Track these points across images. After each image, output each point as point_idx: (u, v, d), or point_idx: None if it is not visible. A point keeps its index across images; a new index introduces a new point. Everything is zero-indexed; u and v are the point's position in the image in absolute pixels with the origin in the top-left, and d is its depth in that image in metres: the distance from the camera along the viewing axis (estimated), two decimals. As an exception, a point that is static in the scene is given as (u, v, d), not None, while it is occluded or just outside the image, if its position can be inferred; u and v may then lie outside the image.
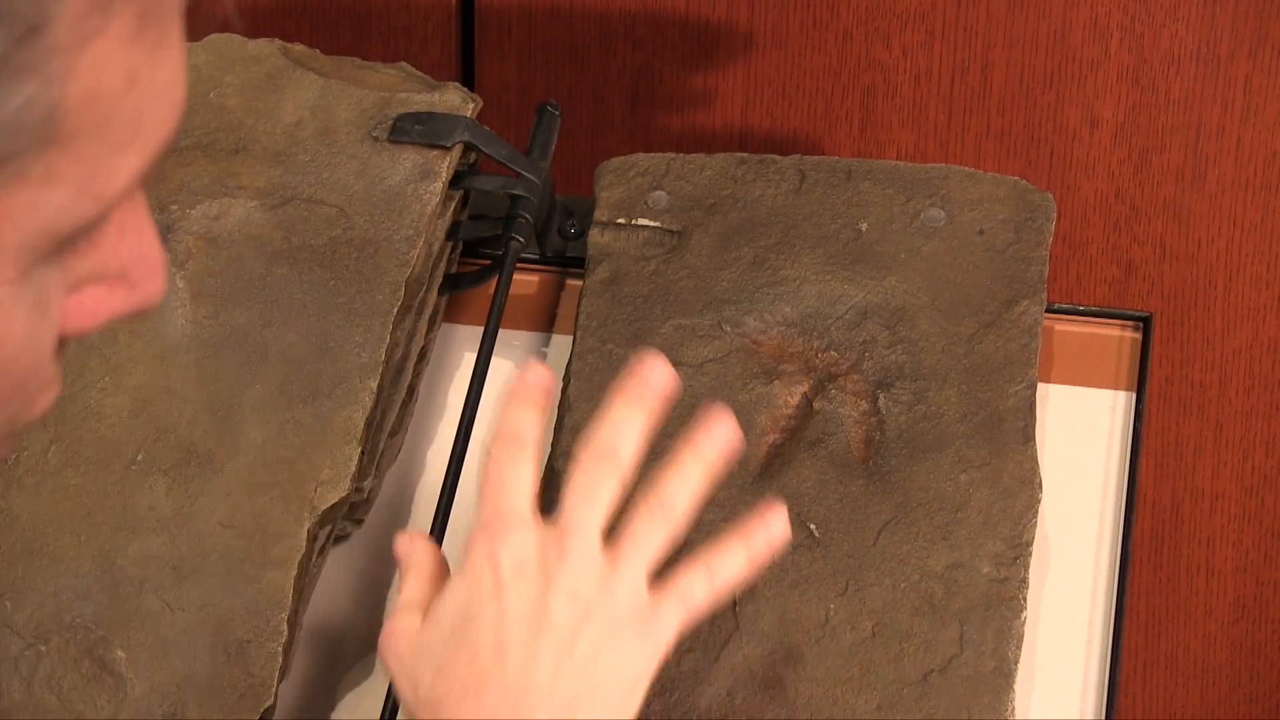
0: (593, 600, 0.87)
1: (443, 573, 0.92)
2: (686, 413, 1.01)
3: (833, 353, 1.05)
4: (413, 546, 0.92)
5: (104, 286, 0.64)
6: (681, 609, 0.88)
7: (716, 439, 0.91)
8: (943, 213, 1.08)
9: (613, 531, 0.89)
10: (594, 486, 0.89)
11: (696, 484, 0.90)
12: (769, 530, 0.90)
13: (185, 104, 0.62)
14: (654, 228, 1.09)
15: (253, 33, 1.13)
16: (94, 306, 0.64)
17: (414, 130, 1.08)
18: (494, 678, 0.86)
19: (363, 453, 1.01)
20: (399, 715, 0.95)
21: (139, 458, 1.00)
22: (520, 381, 0.91)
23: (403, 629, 0.89)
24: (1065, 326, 1.10)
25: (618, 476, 0.89)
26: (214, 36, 1.12)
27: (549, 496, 1.01)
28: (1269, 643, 1.26)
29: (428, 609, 0.89)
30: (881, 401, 1.03)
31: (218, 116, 1.10)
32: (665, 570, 0.89)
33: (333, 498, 0.99)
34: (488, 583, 0.87)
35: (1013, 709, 0.96)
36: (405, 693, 0.88)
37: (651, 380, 0.91)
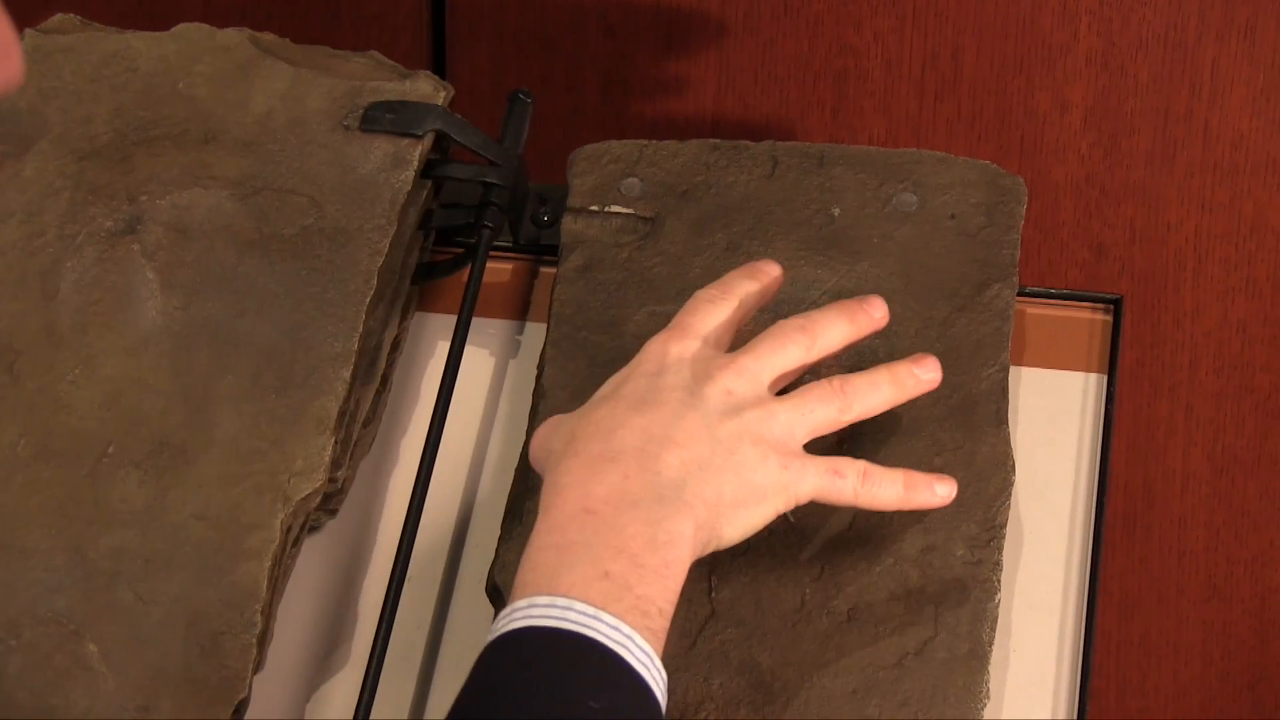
0: (746, 406, 0.90)
1: None
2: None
3: (806, 338, 1.05)
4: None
5: None
6: (825, 480, 0.91)
7: (919, 378, 0.96)
8: (915, 197, 1.08)
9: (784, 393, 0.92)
10: (782, 345, 0.93)
11: (882, 399, 0.95)
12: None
13: None
14: (627, 215, 1.09)
15: (222, 22, 1.12)
16: None
17: (386, 119, 1.08)
18: (629, 423, 0.88)
19: (336, 443, 1.01)
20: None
21: (110, 450, 1.00)
22: (753, 263, 0.97)
23: (553, 418, 0.92)
24: (1037, 309, 1.10)
25: (807, 349, 0.93)
26: (183, 26, 1.12)
27: (525, 485, 1.01)
28: (1240, 621, 1.26)
29: None
30: (855, 386, 1.03)
31: (187, 106, 1.09)
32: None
33: (306, 488, 0.99)
34: (652, 364, 0.91)
35: (987, 690, 0.96)
36: (540, 459, 0.91)
37: (874, 313, 0.96)
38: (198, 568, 0.97)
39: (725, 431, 0.89)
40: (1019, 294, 1.07)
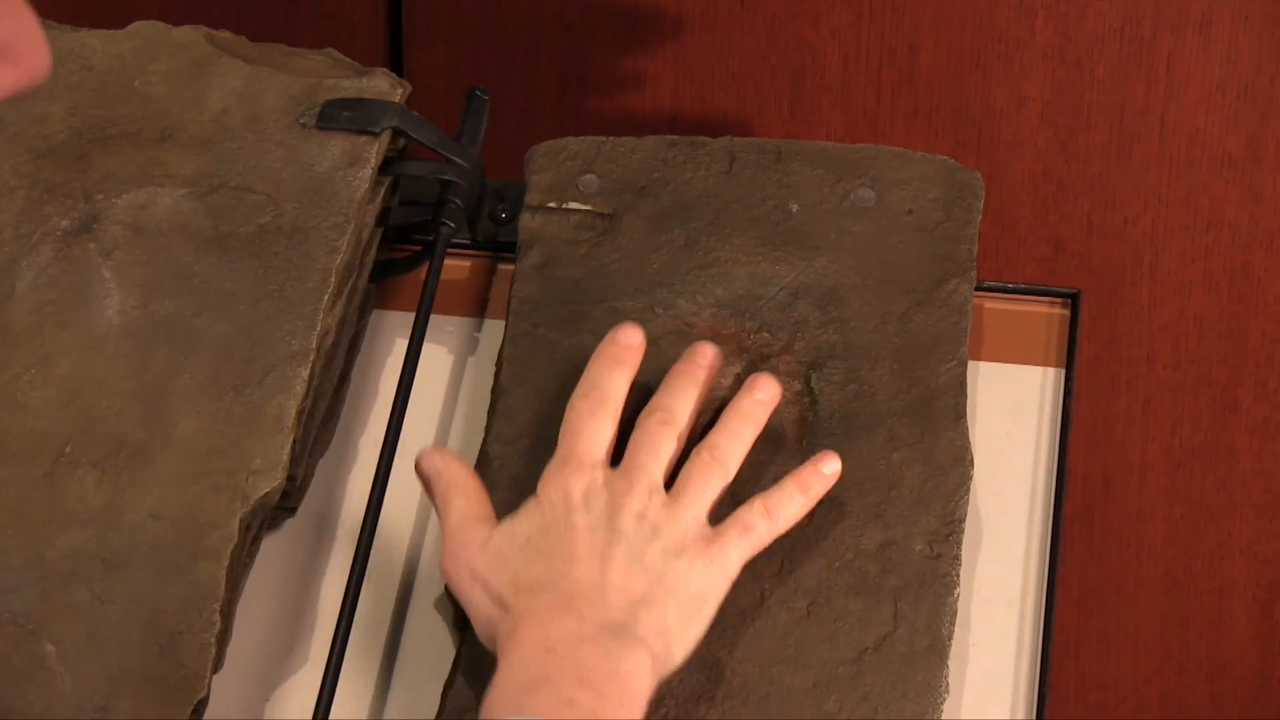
0: (659, 522, 0.94)
1: (482, 487, 0.98)
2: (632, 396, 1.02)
3: (765, 334, 1.05)
4: (445, 464, 0.98)
5: None
6: (744, 541, 0.96)
7: (762, 401, 1.00)
8: (872, 193, 1.08)
9: (672, 484, 0.97)
10: (655, 441, 0.98)
11: (747, 442, 0.99)
12: (821, 474, 0.98)
13: None
14: (585, 211, 1.09)
15: (178, 20, 1.12)
16: None
17: (342, 116, 1.07)
18: (568, 576, 0.92)
19: (295, 441, 1.00)
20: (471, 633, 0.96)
21: (67, 450, 0.99)
22: (612, 341, 1.01)
23: (473, 539, 0.95)
24: (995, 304, 1.10)
25: (676, 436, 0.98)
26: (138, 24, 1.12)
27: (484, 481, 1.01)
28: (1198, 614, 1.26)
29: (491, 524, 0.95)
30: (814, 381, 1.03)
31: (143, 105, 1.09)
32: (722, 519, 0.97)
33: (265, 487, 0.99)
34: (560, 506, 0.95)
35: (947, 685, 0.96)
36: (475, 598, 0.94)
37: (702, 360, 1.00)
38: (156, 567, 0.97)
39: (651, 558, 0.94)
40: (977, 289, 1.07)
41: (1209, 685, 1.26)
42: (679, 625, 0.93)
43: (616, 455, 0.98)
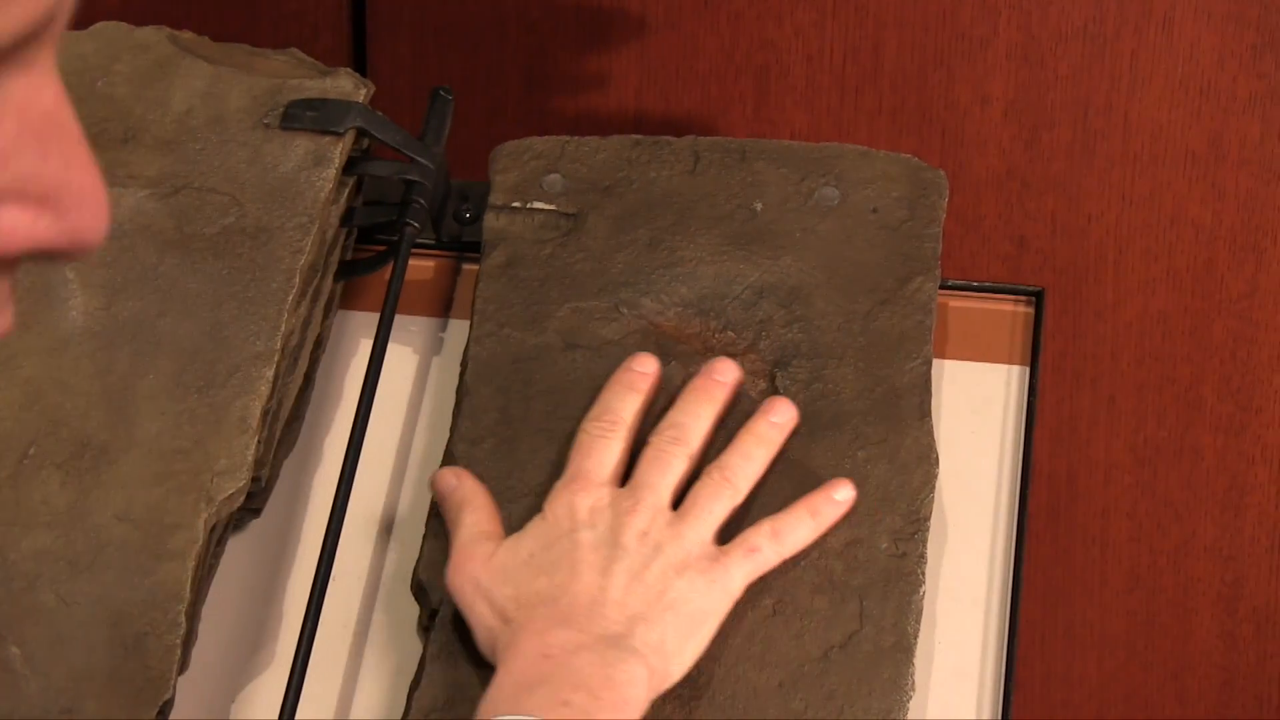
0: (663, 540, 0.95)
1: (493, 504, 0.99)
2: (585, 396, 1.02)
3: (730, 332, 1.05)
4: (459, 482, 0.99)
5: (25, 208, 0.57)
6: (748, 562, 0.96)
7: (778, 424, 1.00)
8: (837, 191, 1.08)
9: (681, 503, 0.98)
10: (665, 460, 0.98)
11: (759, 464, 0.99)
12: (834, 500, 0.99)
13: None
14: (549, 211, 1.09)
15: (140, 20, 1.11)
16: (11, 227, 0.57)
17: (306, 117, 1.07)
18: (569, 590, 0.93)
19: (259, 442, 1.00)
20: (480, 642, 0.96)
21: (31, 451, 0.99)
22: (627, 368, 1.01)
23: (478, 553, 0.96)
24: (959, 302, 1.10)
25: (687, 455, 0.98)
26: (100, 25, 1.11)
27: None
28: (1163, 611, 1.26)
29: (498, 540, 0.96)
30: (779, 380, 1.03)
31: (106, 105, 1.08)
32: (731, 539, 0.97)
33: (229, 488, 0.98)
34: (565, 523, 0.96)
35: (913, 682, 0.96)
36: (479, 610, 0.95)
37: (721, 378, 1.01)
38: (120, 569, 0.96)
39: (652, 576, 0.94)
40: (941, 287, 1.07)
41: (1174, 682, 1.26)
42: (677, 642, 0.93)
43: (628, 476, 0.99)
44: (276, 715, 0.96)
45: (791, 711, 0.95)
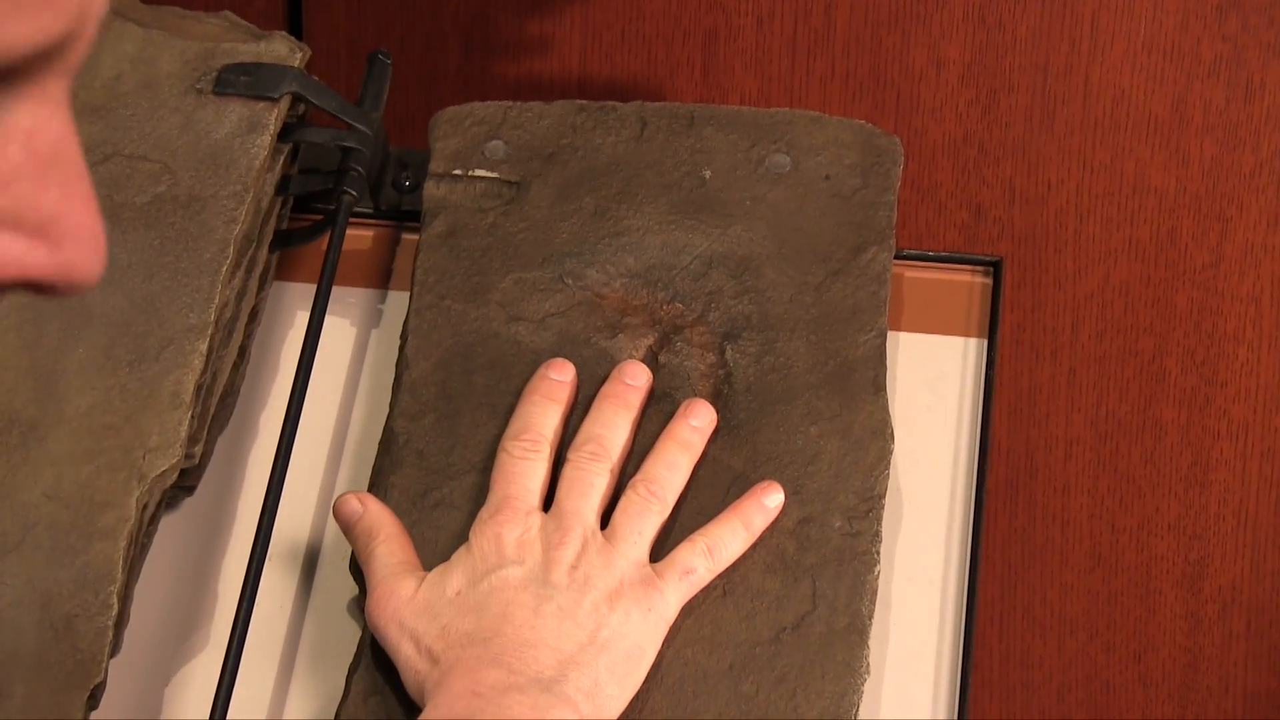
0: (593, 572, 0.93)
1: (404, 531, 0.97)
2: (528, 369, 1.00)
3: (678, 304, 1.04)
4: (365, 508, 0.97)
5: (19, 237, 0.56)
6: (683, 584, 0.95)
7: (699, 428, 0.99)
8: (788, 158, 1.07)
9: (608, 521, 0.96)
10: (587, 479, 0.96)
11: (684, 471, 0.98)
12: (764, 506, 0.98)
13: None
14: (491, 179, 1.08)
15: (68, -18, 1.09)
16: (2, 253, 0.55)
17: (240, 82, 1.06)
18: (500, 631, 0.91)
19: (193, 417, 0.99)
20: (412, 682, 0.94)
21: (-44, 429, 0.98)
22: (542, 377, 1.00)
23: (400, 591, 0.94)
24: (915, 273, 1.10)
25: (608, 470, 0.97)
26: (27, -14, 1.09)
27: (389, 458, 1.00)
28: (1125, 590, 1.26)
29: (417, 573, 0.94)
30: (729, 353, 1.03)
31: (32, 70, 1.06)
32: (662, 553, 0.96)
33: (162, 465, 0.97)
34: (492, 557, 0.94)
35: (867, 665, 0.95)
36: (405, 651, 0.93)
37: (633, 381, 1.00)
38: (50, 548, 0.95)
39: (584, 614, 0.93)
40: (896, 257, 1.06)
41: (1136, 663, 1.25)
42: (610, 684, 0.92)
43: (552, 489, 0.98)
44: (212, 698, 0.95)
45: (742, 695, 0.94)
